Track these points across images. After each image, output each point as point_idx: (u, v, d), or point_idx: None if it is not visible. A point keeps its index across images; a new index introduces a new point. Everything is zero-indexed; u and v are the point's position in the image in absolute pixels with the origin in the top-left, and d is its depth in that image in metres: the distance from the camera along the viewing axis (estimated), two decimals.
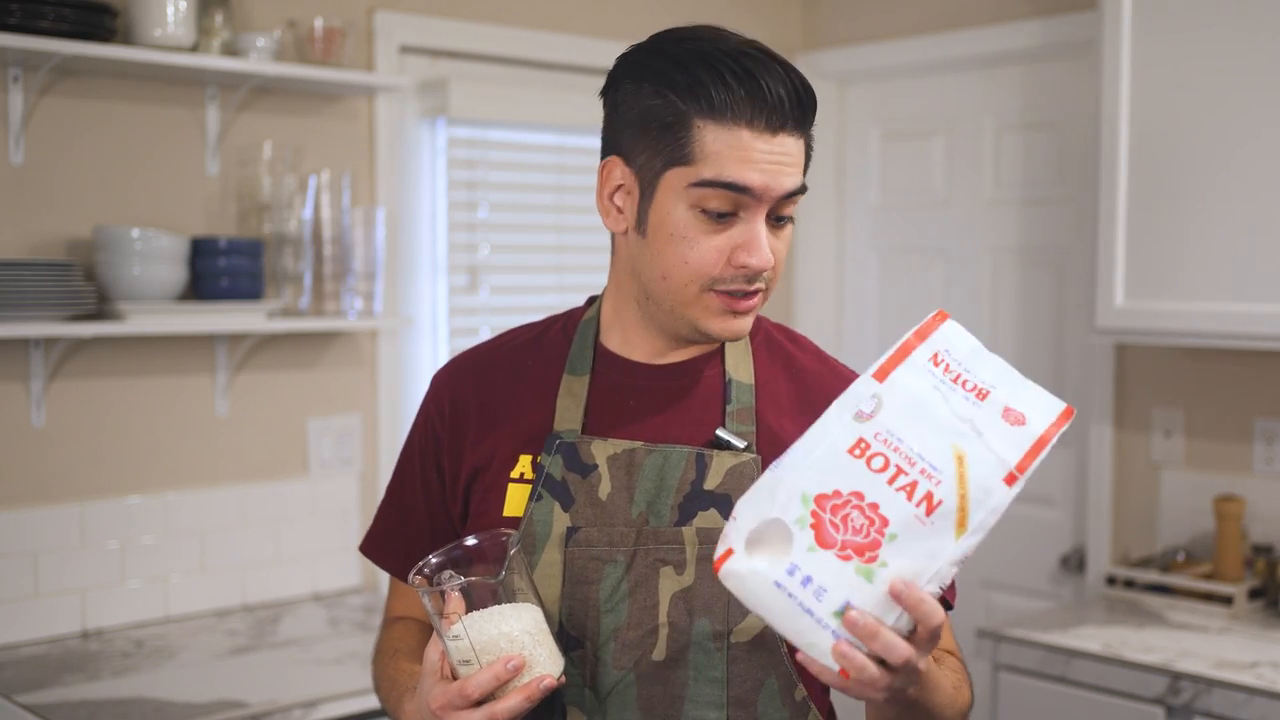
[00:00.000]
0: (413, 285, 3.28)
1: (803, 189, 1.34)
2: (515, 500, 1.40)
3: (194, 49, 2.73)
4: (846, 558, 1.13)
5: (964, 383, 1.20)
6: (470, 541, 1.31)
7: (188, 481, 2.90)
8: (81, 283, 2.57)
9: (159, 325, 2.65)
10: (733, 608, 1.34)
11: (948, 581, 1.16)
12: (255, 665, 2.58)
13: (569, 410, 1.41)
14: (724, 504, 1.36)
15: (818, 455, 1.17)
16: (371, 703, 2.33)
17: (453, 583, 1.26)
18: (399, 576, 1.54)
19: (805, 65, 3.93)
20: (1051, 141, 3.49)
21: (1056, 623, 2.88)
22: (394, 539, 1.54)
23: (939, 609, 1.15)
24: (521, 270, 3.46)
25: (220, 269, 2.75)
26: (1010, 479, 1.17)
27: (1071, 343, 3.46)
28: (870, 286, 3.93)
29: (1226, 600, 2.88)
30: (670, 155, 1.32)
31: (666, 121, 1.31)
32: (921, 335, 1.22)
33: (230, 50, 2.79)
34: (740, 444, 1.38)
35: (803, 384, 1.46)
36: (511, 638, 1.24)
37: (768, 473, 1.18)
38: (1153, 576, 3.01)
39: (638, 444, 1.38)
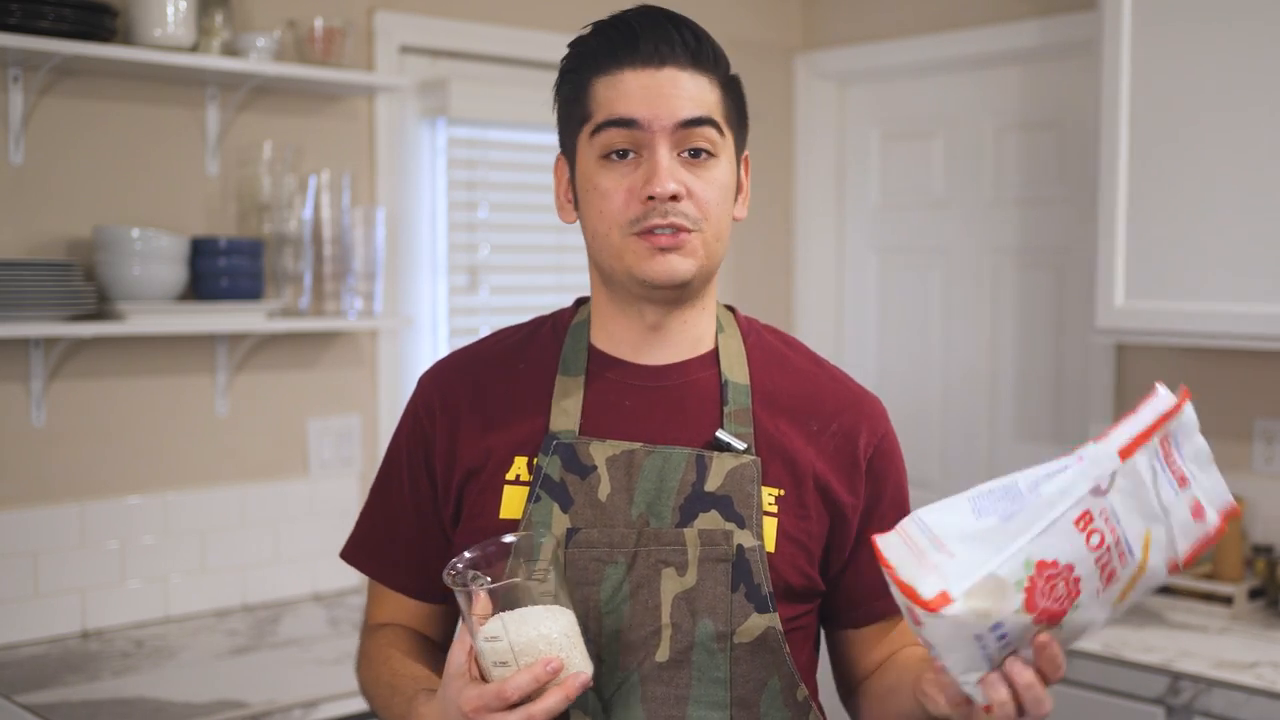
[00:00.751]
0: (413, 285, 3.28)
1: (708, 121, 1.37)
2: (512, 502, 1.39)
3: (194, 49, 2.73)
4: (1039, 621, 1.18)
5: (1173, 467, 1.24)
6: (507, 539, 1.29)
7: (188, 481, 2.90)
8: (81, 283, 2.57)
9: (159, 325, 2.65)
10: (735, 609, 1.34)
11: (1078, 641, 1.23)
12: (255, 665, 2.58)
13: (565, 411, 1.41)
14: (725, 505, 1.36)
15: (1051, 522, 1.18)
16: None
17: (491, 584, 1.25)
18: (385, 582, 1.53)
19: (805, 65, 3.93)
20: (1051, 141, 3.49)
21: None
22: (379, 543, 1.52)
23: (1062, 664, 1.20)
24: (521, 270, 3.46)
25: (220, 269, 2.75)
26: (1173, 568, 1.23)
27: (1071, 343, 3.46)
28: (870, 286, 3.93)
29: (1226, 600, 2.88)
30: (578, 118, 1.40)
31: (572, 95, 1.41)
32: (1167, 417, 1.24)
33: (230, 50, 2.79)
34: (740, 445, 1.38)
35: (797, 386, 1.46)
36: (550, 640, 1.23)
37: (993, 519, 1.19)
38: None
39: (637, 445, 1.38)
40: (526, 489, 1.39)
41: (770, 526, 1.38)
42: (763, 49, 3.86)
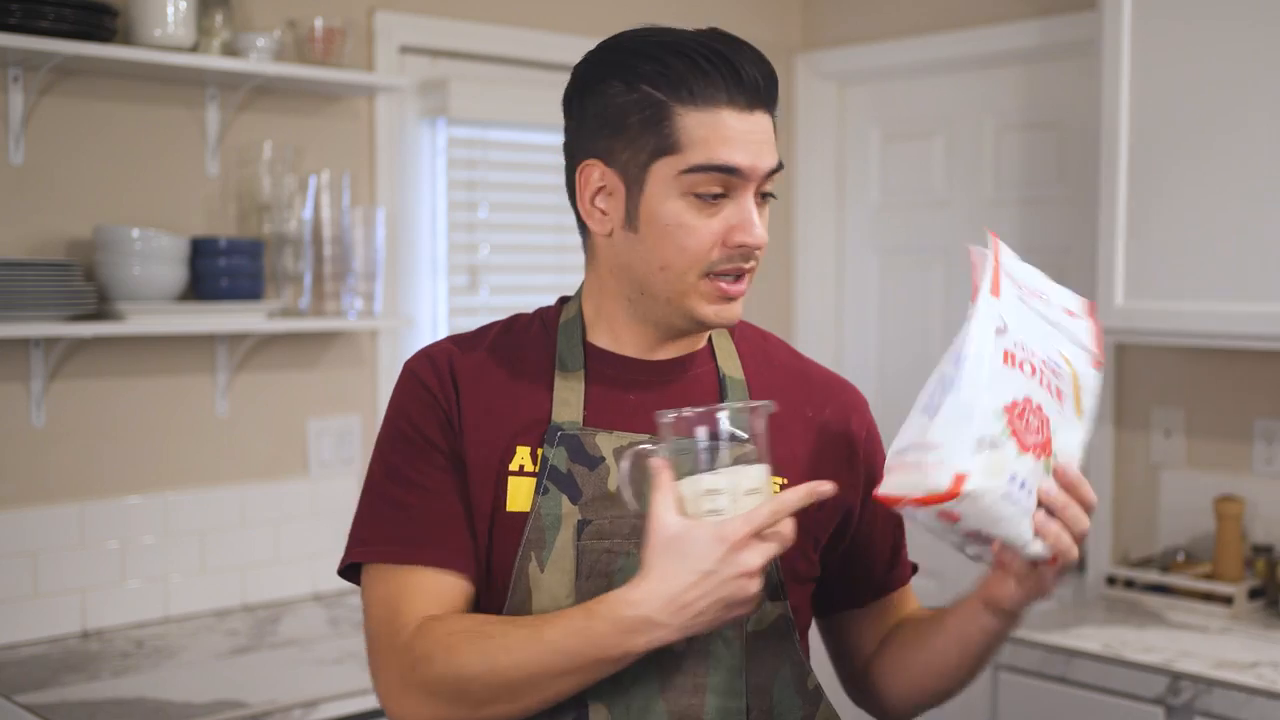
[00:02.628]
0: (413, 285, 3.28)
1: (781, 167, 1.38)
2: (519, 494, 1.37)
3: (194, 49, 2.73)
4: (1038, 455, 1.27)
5: (1033, 291, 1.36)
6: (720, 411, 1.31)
7: (188, 481, 2.90)
8: (81, 283, 2.57)
9: (159, 325, 2.65)
10: None
11: (1082, 460, 1.34)
12: (255, 665, 2.58)
13: (567, 404, 1.40)
14: None
15: (988, 372, 1.27)
16: (371, 702, 2.32)
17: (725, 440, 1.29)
18: (448, 568, 1.37)
19: (805, 65, 3.93)
20: (1051, 141, 3.49)
21: (1056, 623, 2.88)
22: (440, 534, 1.38)
23: (1089, 493, 1.31)
24: (521, 270, 3.46)
25: (220, 269, 2.75)
26: (1097, 364, 1.36)
27: None
28: (870, 286, 3.93)
29: (1226, 600, 2.88)
30: (655, 147, 1.33)
31: (646, 114, 1.33)
32: (998, 256, 1.35)
33: (230, 50, 2.79)
34: (744, 436, 1.38)
35: (784, 379, 1.50)
36: (765, 483, 1.29)
37: (949, 396, 1.28)
38: (1153, 576, 3.01)
39: (643, 436, 1.38)
40: (532, 479, 1.37)
41: None
42: (763, 49, 3.84)
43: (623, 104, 1.34)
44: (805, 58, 3.93)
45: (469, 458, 1.40)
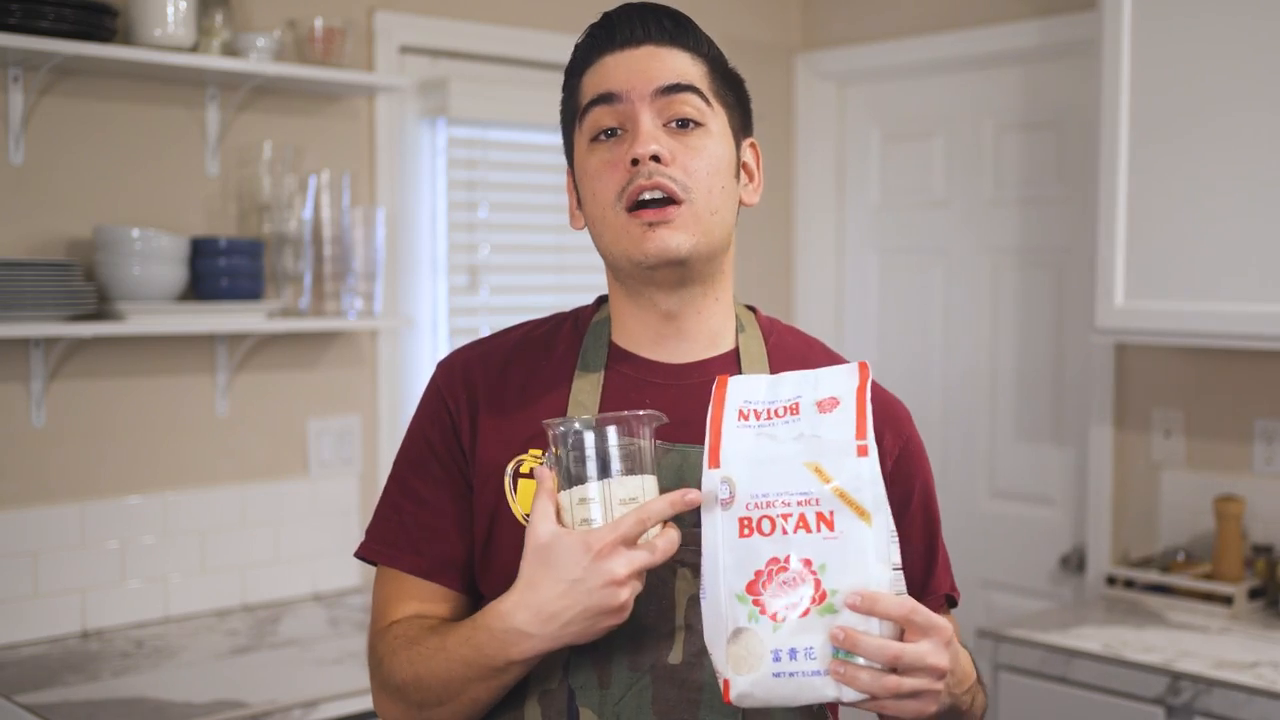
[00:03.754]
0: (413, 285, 3.28)
1: (689, 88, 1.37)
2: (528, 495, 1.37)
3: (194, 49, 2.73)
4: (805, 613, 1.19)
5: (775, 412, 1.27)
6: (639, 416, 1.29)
7: (188, 481, 2.90)
8: (81, 283, 2.57)
9: (159, 325, 2.65)
10: None
11: (896, 559, 1.24)
12: (255, 665, 2.58)
13: (583, 406, 1.40)
14: None
15: (722, 559, 1.22)
16: (371, 702, 2.32)
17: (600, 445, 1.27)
18: (417, 572, 1.42)
19: (805, 65, 3.93)
20: (1051, 141, 3.49)
21: (1056, 623, 2.88)
22: (422, 538, 1.42)
23: (897, 602, 1.18)
24: (521, 270, 3.46)
25: (220, 269, 2.75)
26: (861, 451, 1.23)
27: (1071, 343, 3.46)
28: (870, 286, 3.93)
29: (1226, 600, 2.88)
30: (572, 116, 1.43)
31: (567, 97, 1.45)
32: (719, 405, 1.29)
33: (230, 50, 2.79)
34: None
35: None
36: (648, 493, 1.27)
37: (703, 601, 1.24)
38: (1153, 576, 3.01)
39: (656, 443, 1.36)
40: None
41: None
42: (763, 49, 3.86)
43: (562, 101, 1.46)
44: (805, 58, 3.93)
45: (483, 460, 1.40)
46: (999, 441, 3.62)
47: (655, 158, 1.34)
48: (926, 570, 1.49)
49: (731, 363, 1.43)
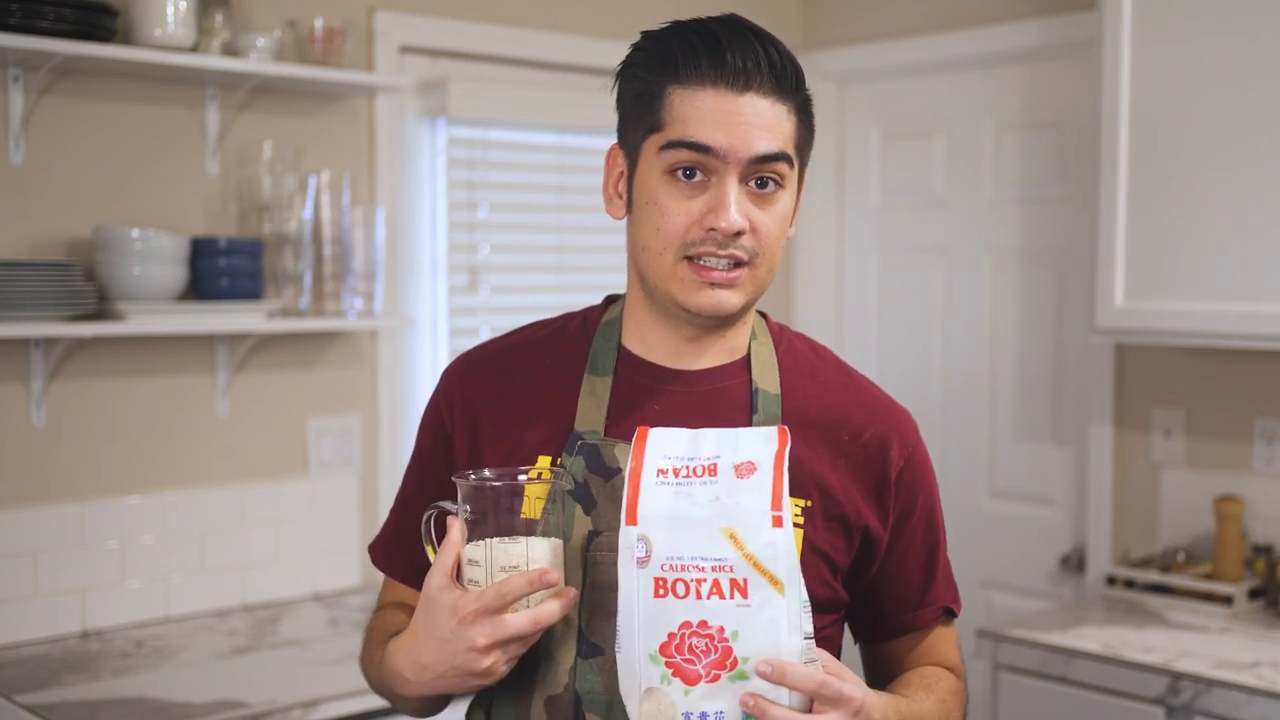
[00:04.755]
0: (413, 285, 3.28)
1: (783, 156, 1.33)
2: (534, 500, 1.37)
3: (194, 49, 2.73)
4: (715, 678, 1.20)
5: (693, 471, 1.26)
6: (490, 476, 1.30)
7: (188, 481, 2.90)
8: (81, 283, 2.57)
9: (159, 325, 2.65)
10: None
11: (809, 628, 1.23)
12: (255, 665, 2.58)
13: (591, 411, 1.39)
14: None
15: (638, 618, 1.23)
16: (371, 702, 2.32)
17: (468, 512, 1.28)
18: (405, 582, 1.51)
19: (805, 65, 3.90)
20: (1051, 141, 3.48)
21: (1056, 623, 2.88)
22: (403, 544, 1.49)
23: (806, 674, 1.19)
24: (521, 270, 3.46)
25: (220, 269, 2.75)
26: (776, 521, 1.23)
27: (1071, 343, 3.46)
28: (870, 286, 3.93)
29: (1226, 600, 2.88)
30: (647, 124, 1.34)
31: (644, 94, 1.35)
32: (638, 457, 1.27)
33: (230, 50, 2.79)
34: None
35: (827, 397, 1.44)
36: (545, 561, 1.27)
37: (619, 656, 1.25)
38: (1153, 576, 3.01)
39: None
40: (548, 488, 1.36)
41: (795, 537, 1.35)
42: None
43: (631, 88, 1.37)
44: (805, 58, 3.91)
45: (487, 465, 1.40)
46: (999, 441, 3.62)
47: (738, 232, 1.31)
48: (925, 581, 1.48)
49: (742, 369, 1.42)
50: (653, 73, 1.34)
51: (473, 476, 1.30)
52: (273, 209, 2.88)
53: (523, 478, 1.32)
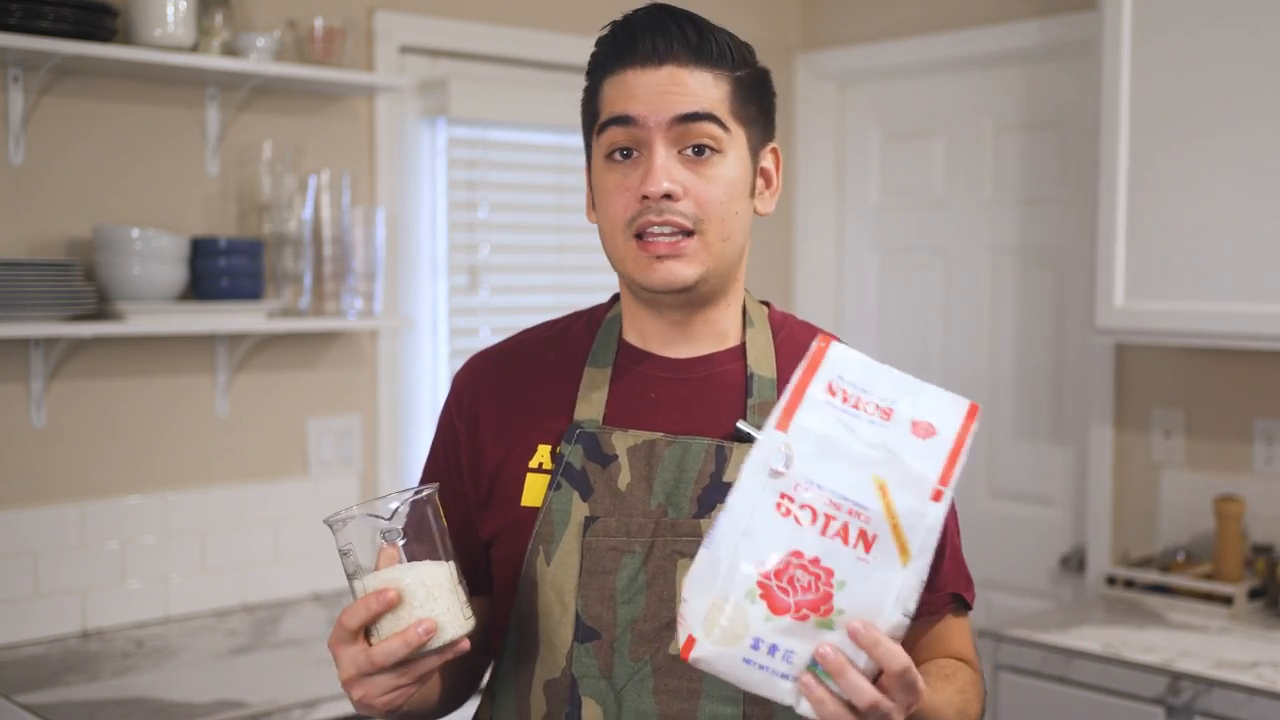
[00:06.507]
0: (413, 285, 3.28)
1: (707, 116, 1.35)
2: (534, 489, 1.40)
3: (194, 49, 2.73)
4: (804, 617, 1.13)
5: (865, 405, 1.19)
6: (392, 503, 1.29)
7: (188, 481, 2.90)
8: (81, 283, 2.57)
9: (159, 325, 2.65)
10: None
11: (912, 607, 1.16)
12: (255, 665, 2.58)
13: (590, 401, 1.42)
14: None
15: (746, 524, 1.16)
16: None
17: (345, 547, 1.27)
18: None
19: (805, 65, 3.93)
20: (1051, 141, 3.49)
21: (1056, 623, 2.88)
22: None
23: (898, 652, 1.14)
24: (521, 270, 3.46)
25: (220, 269, 2.75)
26: (936, 495, 1.16)
27: (1071, 343, 3.46)
28: (870, 286, 3.93)
29: (1226, 600, 2.88)
30: (590, 121, 1.42)
31: (587, 98, 1.43)
32: (812, 368, 1.21)
33: (230, 50, 2.79)
34: (760, 436, 1.38)
35: None
36: (401, 585, 1.24)
37: (704, 550, 1.17)
38: (1153, 576, 3.01)
39: (658, 435, 1.39)
40: (548, 477, 1.40)
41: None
42: (763, 49, 3.82)
43: (582, 98, 1.45)
44: (805, 58, 3.93)
45: (490, 458, 1.44)
46: (999, 441, 3.62)
47: (667, 195, 1.33)
48: (934, 567, 1.48)
49: (737, 357, 1.45)
50: (591, 75, 1.42)
51: (349, 510, 1.29)
52: (273, 209, 2.88)
53: (359, 512, 1.29)
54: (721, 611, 1.15)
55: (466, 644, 1.26)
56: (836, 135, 3.96)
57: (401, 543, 1.26)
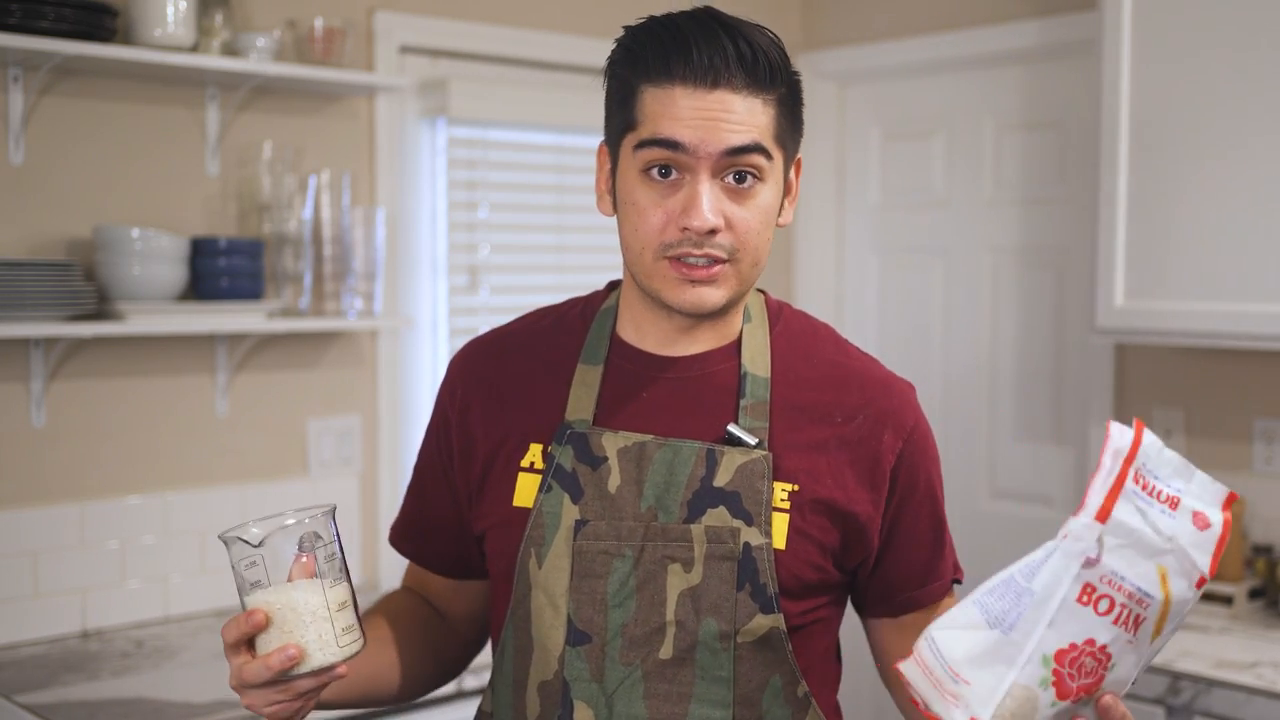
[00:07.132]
0: (413, 285, 3.28)
1: (756, 148, 1.31)
2: (525, 490, 1.40)
3: (194, 49, 2.73)
4: (1077, 699, 1.20)
5: (1158, 494, 1.21)
6: (290, 520, 1.30)
7: (188, 481, 2.90)
8: (81, 283, 2.57)
9: (159, 325, 2.65)
10: (739, 608, 1.34)
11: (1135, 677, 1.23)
12: None
13: (581, 400, 1.40)
14: (733, 501, 1.35)
15: (1052, 612, 1.18)
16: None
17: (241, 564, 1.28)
18: (418, 562, 1.58)
19: (805, 65, 3.93)
20: (1051, 141, 3.49)
21: None
22: (414, 529, 1.57)
23: (1129, 716, 1.22)
24: (521, 270, 3.46)
25: (220, 269, 2.75)
26: (1200, 583, 1.21)
27: (1071, 343, 3.46)
28: (870, 286, 3.93)
29: (1226, 600, 2.88)
30: (624, 122, 1.35)
31: (620, 94, 1.36)
32: (1130, 458, 1.21)
33: (230, 50, 2.79)
34: (751, 441, 1.37)
35: (821, 377, 1.44)
36: (272, 609, 1.24)
37: (995, 632, 1.18)
38: None
39: (648, 437, 1.38)
40: (539, 477, 1.39)
41: (781, 523, 1.36)
42: None
43: (610, 88, 1.38)
44: (805, 58, 3.93)
45: (481, 452, 1.44)
46: (999, 441, 3.62)
47: (711, 230, 1.31)
48: (932, 558, 1.50)
49: (732, 353, 1.43)
50: (627, 71, 1.35)
51: (247, 526, 1.31)
52: (273, 209, 2.88)
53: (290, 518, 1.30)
54: (1015, 698, 1.17)
55: (343, 670, 1.26)
56: (837, 135, 3.96)
57: (304, 559, 1.27)
